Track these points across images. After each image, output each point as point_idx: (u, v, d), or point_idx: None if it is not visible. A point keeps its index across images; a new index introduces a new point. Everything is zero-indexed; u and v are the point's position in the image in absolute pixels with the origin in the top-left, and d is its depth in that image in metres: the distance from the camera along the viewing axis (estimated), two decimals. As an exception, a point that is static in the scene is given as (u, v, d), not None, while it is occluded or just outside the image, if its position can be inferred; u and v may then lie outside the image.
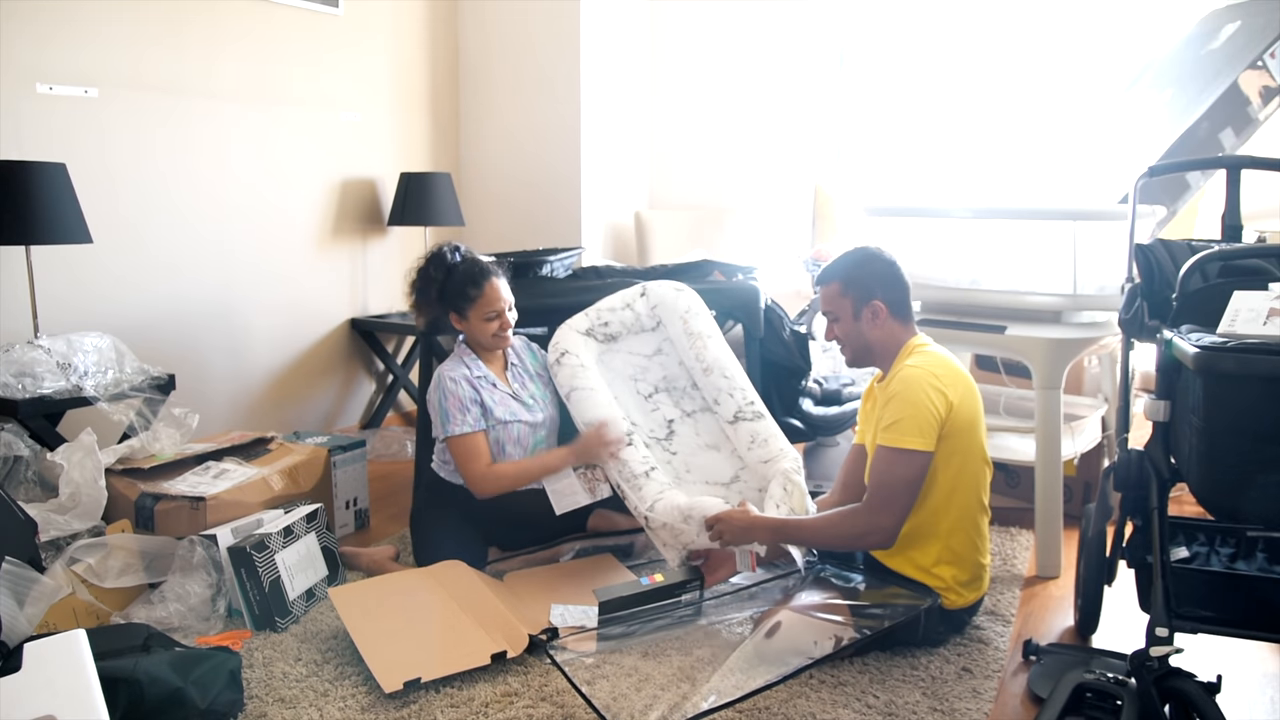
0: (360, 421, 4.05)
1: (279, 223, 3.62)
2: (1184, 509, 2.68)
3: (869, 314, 2.14)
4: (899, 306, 2.16)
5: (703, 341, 2.66)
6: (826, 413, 3.10)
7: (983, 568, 2.15)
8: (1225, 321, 1.68)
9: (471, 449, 2.44)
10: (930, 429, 2.00)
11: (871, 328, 2.15)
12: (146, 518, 2.41)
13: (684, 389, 2.69)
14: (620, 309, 2.71)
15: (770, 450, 2.48)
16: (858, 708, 1.88)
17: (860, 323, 2.15)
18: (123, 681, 1.67)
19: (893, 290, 2.15)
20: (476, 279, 2.50)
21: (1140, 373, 3.01)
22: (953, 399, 2.03)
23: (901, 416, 2.01)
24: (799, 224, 4.37)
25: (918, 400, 2.00)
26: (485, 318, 2.50)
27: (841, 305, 2.17)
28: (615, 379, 2.64)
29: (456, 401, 2.45)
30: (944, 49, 4.09)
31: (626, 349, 2.71)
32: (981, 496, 2.14)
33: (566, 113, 4.16)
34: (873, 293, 2.14)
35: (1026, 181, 3.57)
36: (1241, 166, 2.16)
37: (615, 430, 2.45)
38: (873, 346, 2.17)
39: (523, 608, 2.25)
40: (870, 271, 2.16)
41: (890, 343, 2.16)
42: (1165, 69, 3.12)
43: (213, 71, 3.32)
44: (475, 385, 2.50)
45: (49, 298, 2.80)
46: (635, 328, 2.72)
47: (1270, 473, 1.61)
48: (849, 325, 2.17)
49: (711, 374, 2.63)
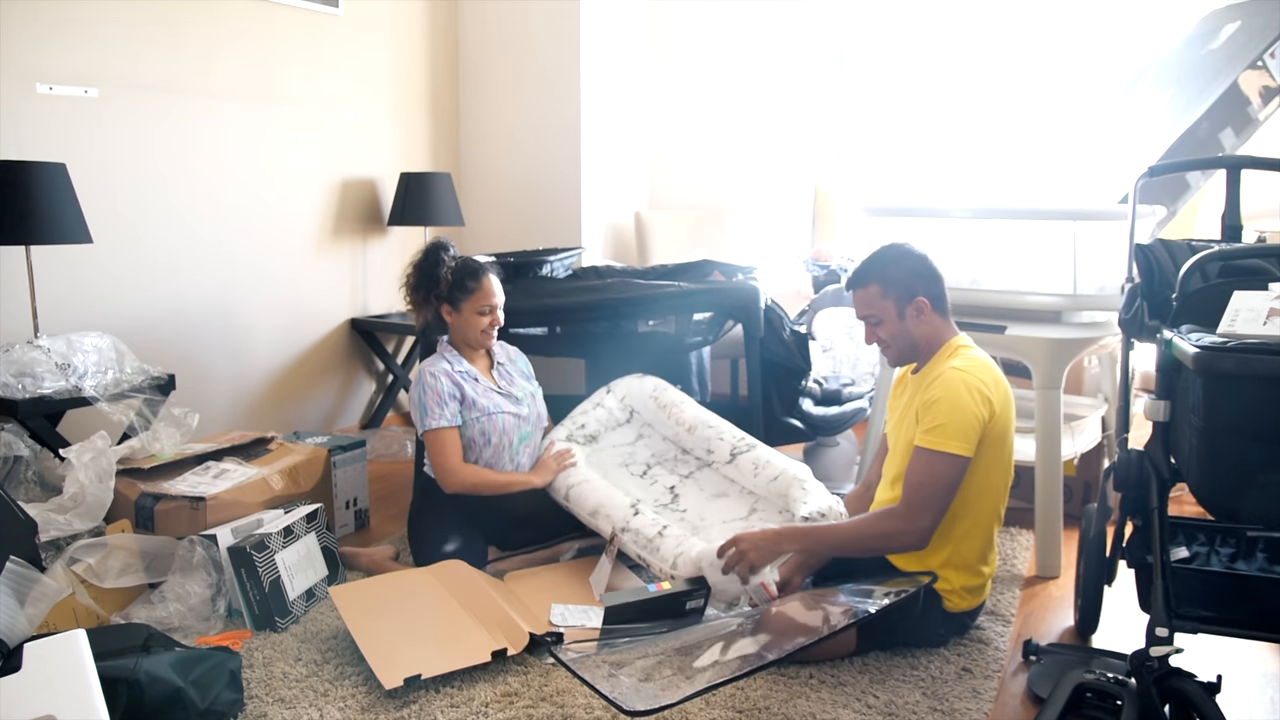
0: (360, 421, 4.05)
1: (279, 222, 3.62)
2: (1184, 509, 2.68)
3: (913, 311, 2.09)
4: (940, 300, 2.12)
5: (678, 409, 2.74)
6: (826, 413, 3.10)
7: (988, 575, 2.15)
8: (1225, 321, 1.68)
9: (444, 443, 2.47)
10: (973, 434, 1.98)
11: (917, 325, 2.10)
12: (146, 518, 2.40)
13: (674, 457, 2.72)
14: (592, 409, 2.77)
15: (775, 469, 2.49)
16: (858, 708, 1.88)
17: (906, 321, 2.10)
18: (123, 681, 1.67)
19: (933, 283, 2.11)
20: (475, 273, 2.53)
21: (1140, 373, 3.01)
22: (995, 406, 2.02)
23: (946, 420, 1.98)
24: (799, 224, 4.37)
25: (963, 404, 1.98)
26: (479, 311, 2.52)
27: (884, 306, 2.11)
28: (608, 470, 2.66)
29: (435, 396, 2.48)
30: (944, 49, 4.09)
31: (610, 443, 2.75)
32: (999, 507, 2.12)
33: (566, 113, 4.16)
34: (914, 289, 2.09)
35: (1026, 181, 3.57)
36: (1241, 166, 2.16)
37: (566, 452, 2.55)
38: (919, 344, 2.12)
39: (523, 607, 2.25)
40: (908, 268, 2.11)
41: (935, 339, 2.12)
42: (1165, 69, 3.12)
43: (213, 71, 3.32)
44: (456, 380, 2.52)
45: (49, 298, 2.80)
46: (611, 423, 2.78)
47: (1270, 473, 1.61)
48: (895, 326, 2.11)
49: (696, 430, 2.68)
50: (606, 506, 2.42)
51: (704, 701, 1.89)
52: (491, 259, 2.66)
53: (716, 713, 1.86)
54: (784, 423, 3.02)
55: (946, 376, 2.03)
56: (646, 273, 3.16)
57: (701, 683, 1.74)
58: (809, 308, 3.43)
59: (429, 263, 2.56)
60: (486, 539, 2.55)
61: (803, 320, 3.30)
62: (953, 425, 1.97)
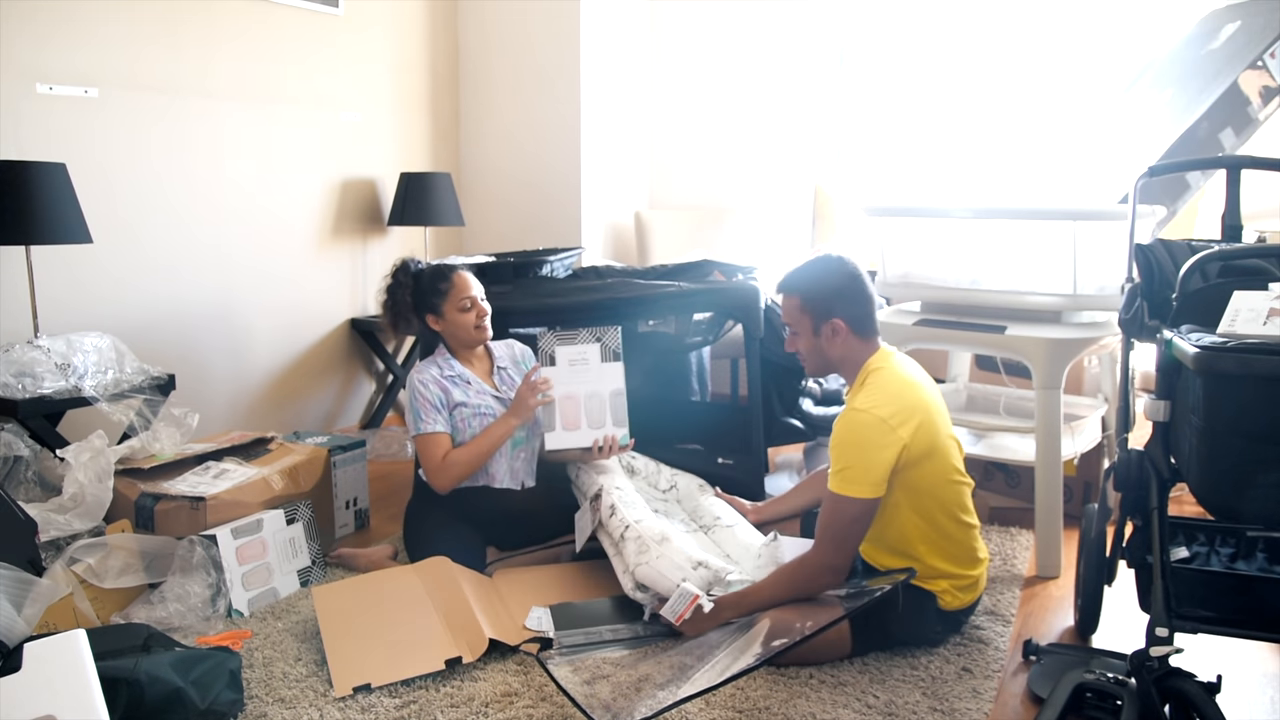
0: (360, 421, 4.05)
1: (279, 222, 3.62)
2: (1184, 509, 2.68)
3: (829, 331, 2.08)
4: (860, 322, 2.09)
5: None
6: (826, 413, 3.11)
7: (977, 574, 2.14)
8: (1225, 321, 1.68)
9: (432, 446, 2.48)
10: (880, 475, 1.96)
11: (831, 345, 2.09)
12: (146, 518, 2.40)
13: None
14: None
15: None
16: (858, 708, 1.88)
17: (820, 339, 2.10)
18: (123, 681, 1.67)
19: (853, 306, 2.08)
20: (444, 273, 2.54)
21: (1140, 373, 3.01)
22: (905, 436, 1.97)
23: (851, 464, 1.97)
24: (799, 224, 4.37)
25: (865, 447, 1.96)
26: (460, 308, 2.52)
27: (801, 321, 2.12)
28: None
29: (423, 402, 2.50)
30: (944, 49, 4.09)
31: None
32: (958, 514, 2.08)
33: (566, 113, 4.16)
34: (832, 310, 2.07)
35: (1027, 182, 3.57)
36: (1241, 166, 2.16)
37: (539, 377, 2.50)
38: (832, 363, 2.12)
39: (502, 608, 2.24)
40: (830, 287, 2.09)
41: (851, 358, 2.10)
42: (1165, 69, 3.12)
43: (213, 71, 3.32)
44: (445, 385, 2.52)
45: (49, 298, 2.80)
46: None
47: (1270, 473, 1.61)
48: (809, 341, 2.12)
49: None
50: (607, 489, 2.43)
51: (704, 702, 1.89)
52: (491, 259, 2.66)
53: (716, 713, 1.86)
54: (784, 423, 3.03)
55: (848, 419, 2.01)
56: (646, 273, 3.16)
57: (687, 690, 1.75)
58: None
59: (390, 289, 2.59)
60: (485, 539, 2.55)
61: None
62: (858, 469, 1.96)
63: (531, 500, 2.57)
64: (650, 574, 2.12)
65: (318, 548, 2.55)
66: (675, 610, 2.07)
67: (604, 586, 2.33)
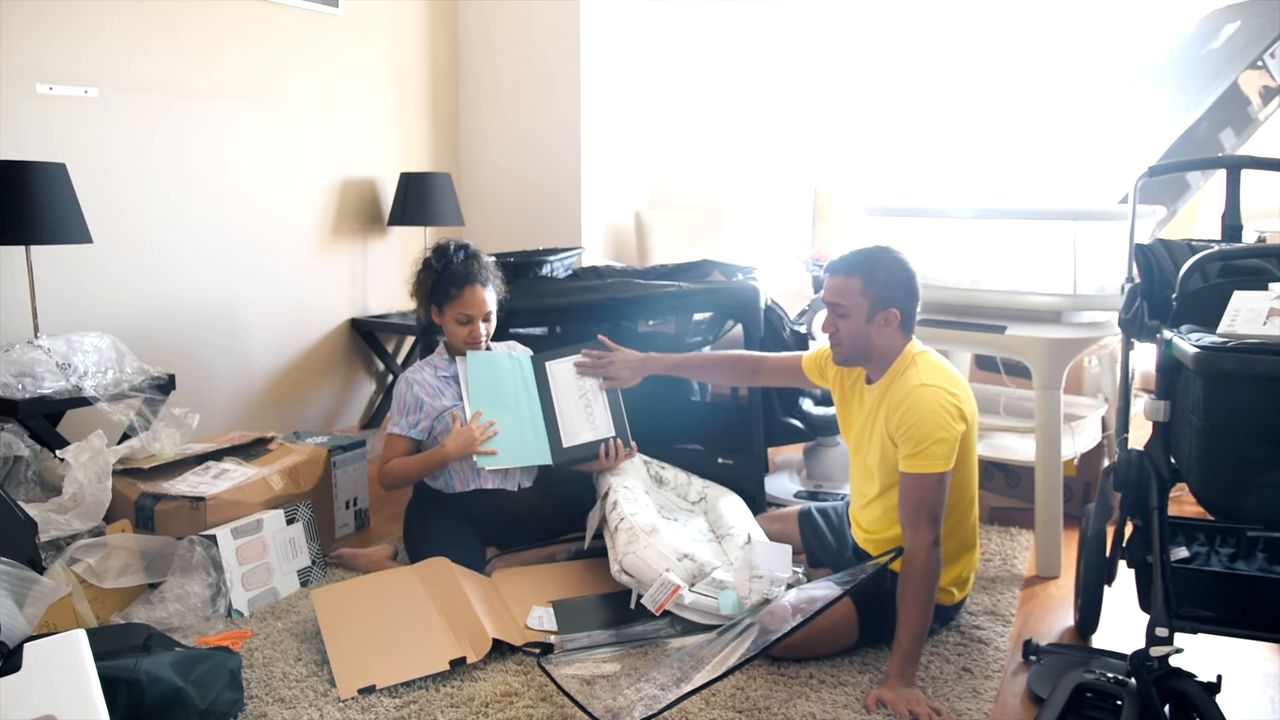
0: (360, 421, 4.05)
1: (279, 222, 3.62)
2: (1184, 509, 2.68)
3: (882, 319, 2.08)
4: (909, 319, 2.11)
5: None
6: (826, 412, 3.10)
7: (973, 569, 2.18)
8: (1225, 321, 1.68)
9: (389, 446, 2.52)
10: (953, 450, 1.99)
11: (880, 334, 2.10)
12: (146, 518, 2.40)
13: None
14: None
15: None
16: (858, 708, 1.88)
17: (871, 326, 2.09)
18: (123, 681, 1.67)
19: (910, 301, 2.10)
20: (460, 281, 2.50)
21: (1140, 373, 3.01)
22: (968, 415, 2.04)
23: (929, 443, 1.97)
24: (799, 224, 4.37)
25: (942, 423, 1.98)
26: (458, 320, 2.52)
27: (858, 303, 2.08)
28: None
29: (400, 403, 2.53)
30: (944, 49, 4.09)
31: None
32: (973, 497, 2.16)
33: (566, 113, 4.16)
34: (892, 299, 2.08)
35: (1026, 181, 3.57)
36: (1241, 166, 2.16)
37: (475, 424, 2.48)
38: (873, 353, 2.12)
39: (504, 608, 2.24)
40: (895, 277, 2.09)
41: (890, 351, 2.12)
42: (1165, 69, 3.12)
43: (213, 71, 3.32)
44: (434, 388, 2.53)
45: (49, 298, 2.79)
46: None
47: (1270, 473, 1.61)
48: (859, 325, 2.10)
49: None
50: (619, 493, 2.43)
51: (704, 701, 1.89)
52: (492, 259, 2.65)
53: (716, 713, 1.86)
54: (784, 423, 3.02)
55: (918, 396, 2.01)
56: (646, 273, 3.16)
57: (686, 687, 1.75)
58: (809, 308, 3.42)
59: (422, 268, 2.57)
60: (484, 539, 2.55)
61: (803, 320, 3.29)
62: (936, 446, 1.97)
63: (529, 501, 2.57)
64: (636, 563, 2.17)
65: (318, 548, 2.55)
66: (656, 600, 2.12)
67: (603, 585, 2.34)
